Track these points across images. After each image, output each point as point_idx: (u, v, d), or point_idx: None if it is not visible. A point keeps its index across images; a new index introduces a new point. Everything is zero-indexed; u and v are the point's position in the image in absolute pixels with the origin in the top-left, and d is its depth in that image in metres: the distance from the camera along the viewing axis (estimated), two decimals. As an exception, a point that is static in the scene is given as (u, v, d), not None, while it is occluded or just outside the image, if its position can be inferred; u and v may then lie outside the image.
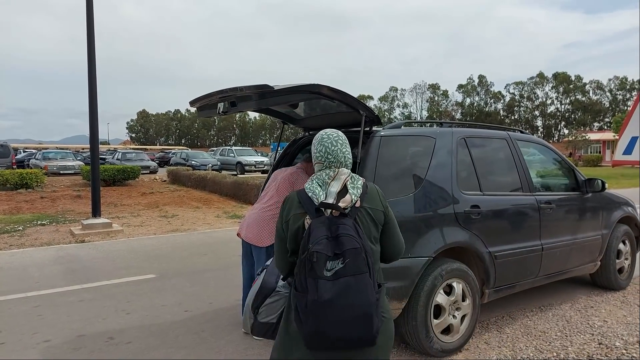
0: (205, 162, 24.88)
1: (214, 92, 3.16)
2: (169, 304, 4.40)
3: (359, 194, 1.71)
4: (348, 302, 1.51)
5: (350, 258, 1.54)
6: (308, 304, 1.53)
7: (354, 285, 1.53)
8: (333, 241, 1.57)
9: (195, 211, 11.36)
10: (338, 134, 1.86)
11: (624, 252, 4.84)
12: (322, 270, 1.53)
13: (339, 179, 1.74)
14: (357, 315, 1.52)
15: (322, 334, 1.52)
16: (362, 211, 1.71)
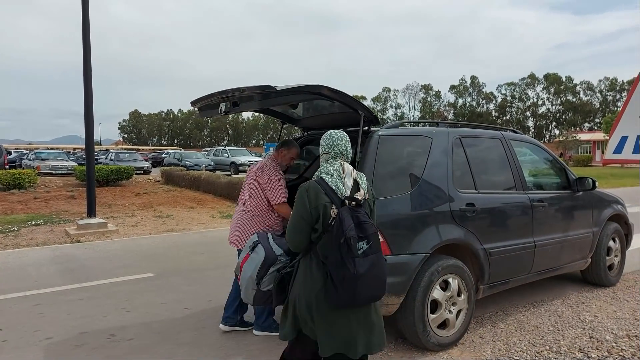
0: (199, 163, 24.84)
1: (215, 92, 3.22)
2: (168, 302, 4.45)
3: (367, 188, 2.18)
4: (375, 274, 2.00)
5: (373, 240, 2.01)
6: (346, 277, 1.95)
7: (377, 261, 2.01)
8: (358, 227, 2.00)
9: (189, 211, 11.38)
10: (343, 133, 2.32)
11: (613, 249, 4.97)
12: (356, 250, 1.96)
13: (349, 175, 2.18)
14: (380, 282, 2.04)
15: (357, 297, 1.98)
16: (367, 202, 2.16)
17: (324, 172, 2.16)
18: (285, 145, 3.67)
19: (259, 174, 3.50)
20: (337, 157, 2.24)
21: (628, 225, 5.16)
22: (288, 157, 3.69)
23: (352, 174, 2.19)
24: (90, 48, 8.46)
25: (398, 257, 3.12)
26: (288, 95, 2.96)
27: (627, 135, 3.19)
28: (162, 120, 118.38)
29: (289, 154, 3.67)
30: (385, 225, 3.09)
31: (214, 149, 29.43)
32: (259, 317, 3.62)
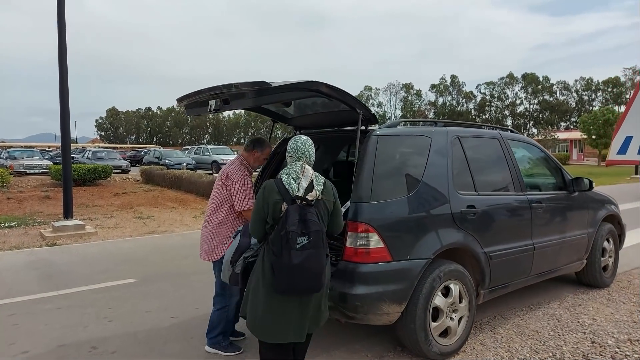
0: (180, 161, 24.35)
1: (204, 88, 3.02)
2: (153, 310, 4.22)
3: (321, 190, 2.38)
4: (309, 267, 2.22)
5: (314, 237, 2.24)
6: (283, 266, 2.23)
7: (313, 255, 2.23)
8: (302, 224, 2.24)
9: (171, 212, 11.07)
10: (307, 138, 2.55)
11: (608, 250, 4.93)
12: (295, 244, 2.21)
13: (307, 176, 2.38)
14: (313, 274, 2.25)
15: (291, 285, 2.25)
16: (321, 202, 2.38)
17: (284, 173, 2.41)
18: (259, 146, 3.37)
19: (224, 177, 3.27)
20: (300, 160, 2.47)
21: (621, 225, 5.14)
22: (262, 159, 3.44)
23: (309, 176, 2.39)
24: (66, 45, 8.11)
25: (399, 264, 2.97)
26: (284, 92, 2.80)
27: (631, 135, 3.09)
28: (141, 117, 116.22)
29: (262, 155, 3.43)
30: (385, 229, 2.94)
31: (195, 148, 28.92)
32: (210, 331, 3.34)
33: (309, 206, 2.30)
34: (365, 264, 2.89)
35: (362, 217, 2.88)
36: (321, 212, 2.35)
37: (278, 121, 4.07)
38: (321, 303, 2.44)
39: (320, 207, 2.36)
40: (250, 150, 3.37)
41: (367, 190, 2.94)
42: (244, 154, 3.39)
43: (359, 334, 3.67)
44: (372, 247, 2.88)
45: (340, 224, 2.54)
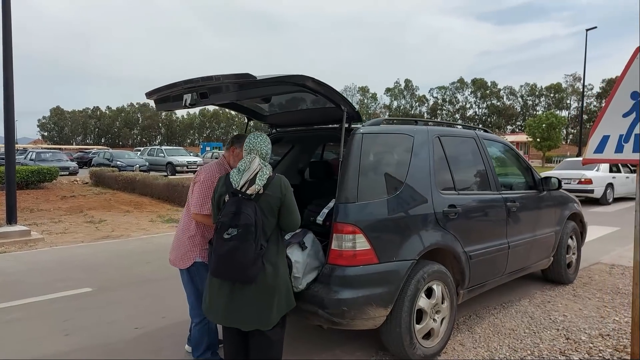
0: (132, 163, 23.35)
1: (179, 81, 2.81)
2: (116, 321, 3.92)
3: (263, 184, 2.40)
4: (232, 257, 2.30)
5: (242, 230, 2.29)
6: (213, 253, 2.40)
7: (238, 248, 2.29)
8: (235, 216, 2.31)
9: (126, 216, 10.53)
10: (262, 134, 2.64)
11: (572, 247, 5.09)
12: (223, 234, 2.32)
13: (250, 170, 2.42)
14: (237, 266, 2.31)
15: (218, 271, 2.37)
16: (264, 196, 2.40)
17: (235, 168, 2.50)
18: (237, 142, 3.11)
19: (195, 177, 3.04)
20: (252, 152, 2.53)
21: (583, 223, 5.32)
22: (242, 156, 3.22)
23: (253, 169, 2.42)
24: (12, 42, 7.54)
25: (385, 265, 2.88)
26: (268, 87, 2.64)
27: (608, 134, 3.17)
28: (88, 117, 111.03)
29: (241, 151, 3.13)
30: (372, 230, 2.84)
31: (149, 149, 27.85)
32: (195, 348, 3.08)
33: (248, 200, 2.35)
34: (352, 266, 2.78)
35: (349, 219, 2.77)
36: (263, 207, 2.38)
37: (253, 119, 3.89)
38: (264, 300, 2.41)
39: (264, 202, 2.39)
40: (229, 148, 3.15)
41: (353, 190, 2.84)
42: (225, 154, 3.16)
43: (339, 338, 3.56)
44: (358, 249, 2.77)
45: (292, 222, 2.51)
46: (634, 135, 3.04)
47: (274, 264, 2.44)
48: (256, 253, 2.32)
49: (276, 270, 2.45)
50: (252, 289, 2.39)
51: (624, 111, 3.10)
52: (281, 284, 2.48)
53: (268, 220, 2.41)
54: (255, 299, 2.41)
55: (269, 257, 2.42)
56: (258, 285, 2.38)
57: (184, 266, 3.00)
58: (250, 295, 2.40)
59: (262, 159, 2.53)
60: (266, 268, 2.39)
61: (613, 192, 12.96)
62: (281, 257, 2.52)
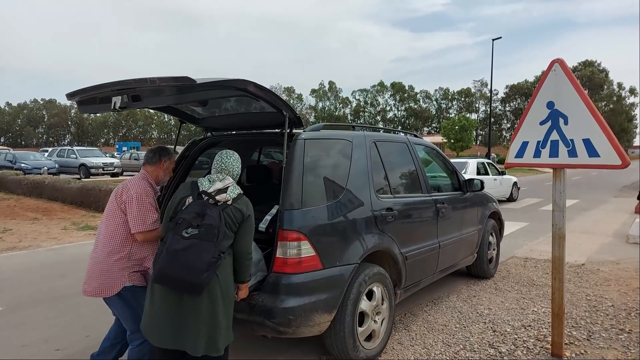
0: (39, 165, 21.31)
1: (107, 83, 2.60)
2: (31, 343, 3.54)
3: (233, 197, 2.39)
4: (187, 255, 2.18)
5: (205, 229, 2.22)
6: (164, 251, 2.23)
7: (197, 247, 2.19)
8: (200, 217, 2.26)
9: (33, 224, 9.60)
10: (233, 153, 2.61)
11: (492, 243, 5.47)
12: (182, 230, 2.24)
13: (224, 182, 2.43)
14: (190, 266, 2.17)
15: (163, 270, 2.20)
16: (230, 208, 2.36)
17: (201, 178, 2.49)
18: (166, 155, 2.87)
19: (118, 193, 2.71)
20: (222, 172, 2.51)
21: (501, 221, 5.74)
22: (172, 168, 2.97)
23: (227, 184, 2.43)
24: None
25: (330, 271, 2.89)
26: (208, 90, 2.53)
27: (527, 140, 3.42)
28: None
29: (172, 164, 2.95)
30: (316, 236, 2.83)
31: (58, 149, 25.62)
32: None
33: (214, 205, 2.31)
34: (297, 274, 2.74)
35: (294, 225, 2.73)
36: (226, 218, 2.33)
37: (186, 122, 3.70)
38: (214, 318, 2.27)
39: (229, 213, 2.34)
40: (156, 162, 2.82)
41: (298, 196, 2.80)
42: (149, 169, 2.83)
43: (282, 346, 3.51)
44: (303, 255, 2.75)
45: (245, 244, 2.43)
46: (550, 141, 3.32)
47: (227, 280, 2.35)
48: (214, 258, 2.22)
49: (228, 287, 2.36)
50: (203, 303, 2.24)
51: (540, 119, 3.38)
52: (230, 304, 2.38)
53: (227, 232, 2.33)
54: (206, 315, 2.26)
55: (222, 272, 2.31)
56: (209, 298, 2.25)
57: (112, 293, 2.64)
58: (201, 309, 2.25)
59: (234, 178, 2.54)
60: (219, 280, 2.28)
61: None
62: (232, 278, 2.42)
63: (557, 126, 3.25)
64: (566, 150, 3.20)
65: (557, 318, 3.29)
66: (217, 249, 2.23)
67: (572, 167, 3.24)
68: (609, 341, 3.60)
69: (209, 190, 2.36)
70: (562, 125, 3.23)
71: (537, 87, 3.38)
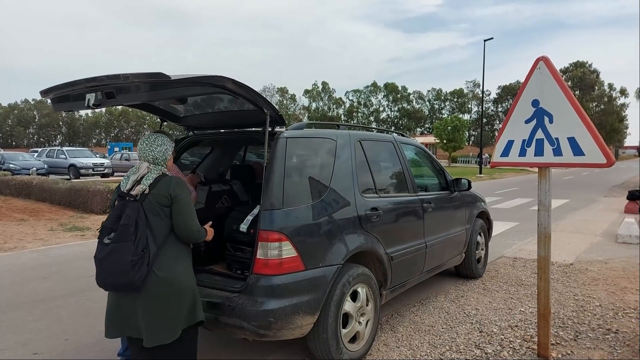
0: (28, 165, 21.07)
1: (80, 79, 2.53)
2: (8, 347, 3.45)
3: (149, 184, 2.30)
4: (110, 261, 2.18)
5: (119, 231, 2.19)
6: (95, 260, 2.24)
7: (117, 250, 2.17)
8: (118, 219, 2.23)
9: (20, 225, 9.46)
10: (152, 136, 2.47)
11: (481, 243, 5.44)
12: (104, 239, 2.23)
13: (137, 172, 2.34)
14: (116, 270, 2.16)
15: (100, 279, 2.23)
16: (149, 196, 2.29)
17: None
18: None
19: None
20: (142, 159, 2.42)
21: (489, 220, 5.72)
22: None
23: (141, 172, 2.34)
24: None
25: (312, 272, 2.83)
26: (183, 87, 2.46)
27: (513, 139, 3.39)
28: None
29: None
30: (298, 237, 2.78)
31: (47, 150, 25.35)
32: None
33: (133, 202, 2.26)
34: (278, 275, 2.69)
35: (275, 226, 2.68)
36: (148, 207, 2.27)
37: (167, 120, 3.63)
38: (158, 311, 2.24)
39: (150, 202, 2.28)
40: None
41: (279, 196, 2.75)
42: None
43: (265, 349, 3.45)
44: (284, 256, 2.69)
45: (184, 226, 2.34)
46: (535, 140, 3.29)
47: (170, 270, 2.28)
48: (136, 256, 2.16)
49: (172, 277, 2.28)
50: (144, 298, 2.23)
51: (525, 118, 3.35)
52: (180, 293, 2.30)
53: (157, 221, 2.28)
54: (150, 310, 2.24)
55: (161, 263, 2.26)
56: (148, 294, 2.23)
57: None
58: (144, 305, 2.24)
59: (154, 163, 2.41)
60: (156, 274, 2.22)
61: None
62: (182, 263, 2.35)
63: (542, 125, 3.22)
64: (551, 149, 3.17)
65: (543, 318, 3.26)
66: (138, 247, 2.18)
67: (557, 166, 3.21)
68: (595, 341, 3.58)
69: (126, 188, 2.31)
70: (547, 124, 3.20)
71: (522, 85, 3.35)
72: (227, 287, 2.84)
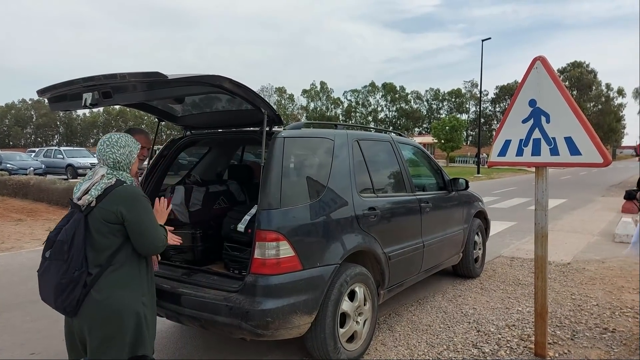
0: (25, 165, 21.02)
1: (77, 79, 2.53)
2: (6, 347, 3.45)
3: (96, 196, 2.03)
4: (46, 279, 2.02)
5: (54, 247, 2.00)
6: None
7: (51, 268, 1.99)
8: (57, 231, 2.04)
9: (18, 225, 9.44)
10: (114, 135, 2.22)
11: (478, 243, 5.45)
12: (45, 252, 2.05)
13: (91, 180, 2.10)
14: (50, 288, 1.99)
15: (42, 296, 2.08)
16: (96, 210, 2.03)
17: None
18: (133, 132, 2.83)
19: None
20: (100, 163, 2.19)
21: (487, 220, 5.73)
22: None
23: (95, 178, 2.10)
24: None
25: (310, 272, 2.84)
26: (181, 87, 2.46)
27: (510, 139, 3.40)
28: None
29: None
30: (296, 236, 2.78)
31: (45, 149, 25.30)
32: None
33: (79, 213, 2.04)
34: (276, 275, 2.69)
35: (272, 225, 2.68)
36: (93, 223, 2.02)
37: (164, 120, 3.63)
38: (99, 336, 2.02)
39: (95, 216, 2.02)
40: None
41: (276, 195, 2.75)
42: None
43: (261, 348, 3.45)
44: (282, 256, 2.69)
45: (143, 246, 2.10)
46: (532, 139, 3.30)
47: (108, 293, 2.02)
48: (65, 278, 1.94)
49: (110, 300, 2.02)
50: (84, 322, 2.02)
51: (523, 117, 3.35)
52: (118, 318, 2.03)
53: (101, 239, 2.02)
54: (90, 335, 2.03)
55: (101, 285, 2.01)
56: (86, 317, 2.01)
57: None
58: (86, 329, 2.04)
59: (115, 169, 2.15)
60: (93, 297, 1.99)
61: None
62: (127, 286, 2.08)
63: (539, 124, 3.23)
64: (548, 149, 3.18)
65: (540, 317, 3.27)
66: (72, 267, 1.95)
67: (554, 165, 3.22)
68: (592, 340, 3.59)
69: (76, 196, 2.08)
70: (544, 124, 3.20)
71: (519, 85, 3.36)
72: (225, 287, 2.84)
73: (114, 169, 2.14)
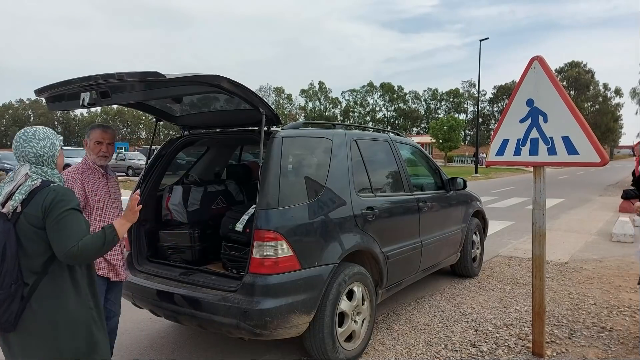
0: (22, 166, 20.96)
1: (75, 78, 2.53)
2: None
3: (21, 200, 1.81)
4: None
5: None
6: None
7: None
8: None
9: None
10: (30, 129, 1.99)
11: (476, 242, 5.46)
12: None
13: (14, 181, 1.86)
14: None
15: None
16: (23, 216, 1.82)
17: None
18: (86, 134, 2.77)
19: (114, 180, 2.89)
20: (20, 160, 1.95)
21: (485, 219, 5.74)
22: (92, 145, 2.72)
23: (18, 179, 1.86)
24: None
25: (308, 271, 2.84)
26: (178, 87, 2.46)
27: (508, 139, 3.40)
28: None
29: (91, 141, 2.72)
30: (294, 236, 2.78)
31: (42, 150, 25.18)
32: None
33: (6, 222, 1.82)
34: (274, 274, 2.69)
35: (270, 225, 2.68)
36: (21, 230, 1.82)
37: (162, 120, 3.62)
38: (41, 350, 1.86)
39: (22, 223, 1.82)
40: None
41: (274, 195, 2.75)
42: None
43: (260, 348, 3.45)
44: (280, 256, 2.70)
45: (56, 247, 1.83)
46: (530, 139, 3.31)
47: (51, 302, 1.86)
48: (5, 293, 1.78)
49: (54, 310, 1.86)
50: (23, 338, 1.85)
51: (520, 117, 3.36)
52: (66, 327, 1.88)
53: (33, 247, 1.84)
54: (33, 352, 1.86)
55: (41, 294, 1.85)
56: (28, 333, 1.84)
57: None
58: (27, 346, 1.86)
59: (38, 164, 1.93)
60: (33, 308, 1.83)
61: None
62: (70, 292, 1.91)
63: (537, 124, 3.24)
64: (546, 148, 3.18)
65: (538, 317, 3.28)
66: (6, 280, 1.78)
67: (552, 165, 3.23)
68: (590, 339, 3.60)
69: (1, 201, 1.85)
70: (541, 123, 3.21)
71: (516, 85, 3.36)
72: (223, 287, 2.85)
73: (37, 165, 1.93)
